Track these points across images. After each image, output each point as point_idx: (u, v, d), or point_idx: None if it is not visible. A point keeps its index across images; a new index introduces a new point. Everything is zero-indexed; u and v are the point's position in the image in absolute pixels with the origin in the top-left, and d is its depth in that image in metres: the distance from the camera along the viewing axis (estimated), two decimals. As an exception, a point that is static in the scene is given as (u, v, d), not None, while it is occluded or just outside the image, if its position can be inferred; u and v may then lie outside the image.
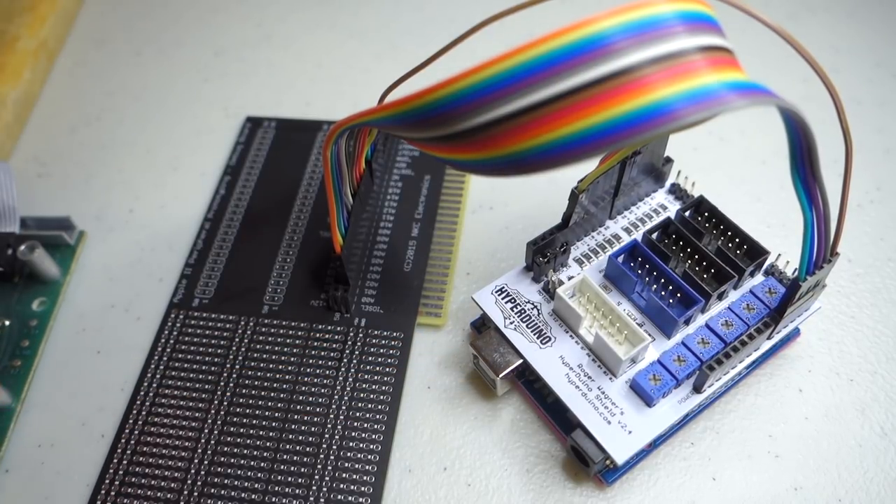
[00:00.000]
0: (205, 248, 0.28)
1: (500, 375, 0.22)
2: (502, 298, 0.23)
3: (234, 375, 0.24)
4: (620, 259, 0.23)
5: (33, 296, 0.26)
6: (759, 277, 0.24)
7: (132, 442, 0.23)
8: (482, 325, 0.25)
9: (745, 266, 0.23)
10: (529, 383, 0.23)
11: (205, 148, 0.31)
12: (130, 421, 0.24)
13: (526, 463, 0.23)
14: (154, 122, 0.33)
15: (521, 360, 0.22)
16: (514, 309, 0.23)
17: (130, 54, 0.35)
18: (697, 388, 0.21)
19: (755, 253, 0.23)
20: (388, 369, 0.24)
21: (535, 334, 0.23)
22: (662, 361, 0.21)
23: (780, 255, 0.23)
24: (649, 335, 0.21)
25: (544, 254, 0.23)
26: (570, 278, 0.24)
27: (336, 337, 0.25)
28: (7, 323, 0.26)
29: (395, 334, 0.25)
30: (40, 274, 0.26)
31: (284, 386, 0.24)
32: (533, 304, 0.23)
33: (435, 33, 0.35)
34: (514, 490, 0.22)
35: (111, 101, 0.33)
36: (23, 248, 0.26)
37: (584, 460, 0.21)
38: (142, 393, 0.24)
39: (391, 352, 0.25)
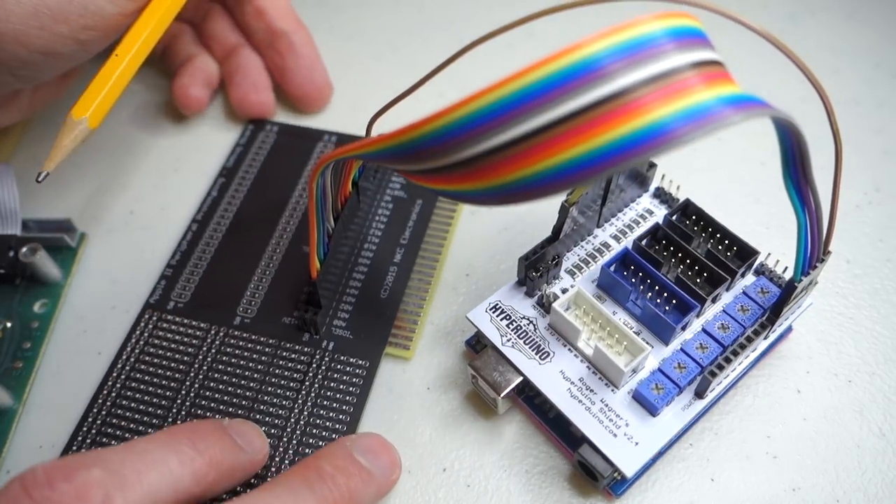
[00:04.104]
0: (188, 250, 0.28)
1: (502, 395, 0.22)
2: (497, 316, 0.23)
3: (196, 385, 0.24)
4: (613, 268, 0.23)
5: (35, 297, 0.26)
6: (751, 277, 0.24)
7: (83, 449, 0.23)
8: (478, 343, 0.25)
9: (737, 268, 0.23)
10: (530, 399, 0.23)
11: (206, 149, 0.31)
12: (84, 429, 0.23)
13: (525, 464, 0.23)
14: (154, 123, 0.33)
15: (521, 378, 0.22)
16: (510, 325, 0.23)
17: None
18: (700, 394, 0.21)
19: (745, 253, 0.23)
20: (348, 397, 0.24)
21: (533, 350, 0.22)
22: (663, 370, 0.21)
23: (769, 254, 0.23)
24: (647, 343, 0.21)
25: (537, 268, 0.23)
26: (563, 290, 0.23)
27: (302, 358, 0.25)
28: (8, 325, 0.26)
29: (360, 362, 0.25)
30: (41, 276, 0.26)
31: (244, 402, 0.24)
32: (529, 319, 0.23)
33: (435, 34, 0.35)
34: (514, 491, 0.22)
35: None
36: (24, 250, 0.26)
37: (593, 475, 0.21)
38: (104, 392, 0.24)
39: (354, 380, 0.24)
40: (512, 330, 0.23)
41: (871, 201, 0.29)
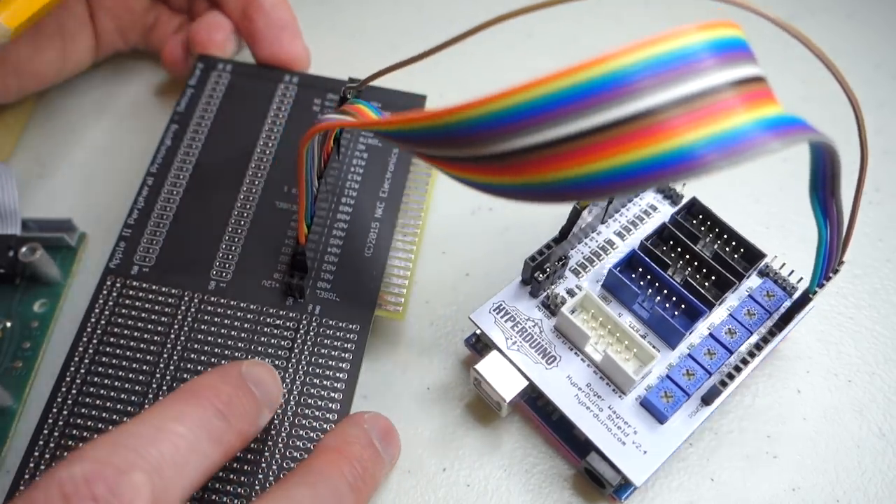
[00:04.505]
0: (147, 206, 0.25)
1: (509, 400, 0.21)
2: (501, 317, 0.23)
3: (176, 358, 0.22)
4: (619, 270, 0.23)
5: (34, 297, 0.26)
6: (755, 279, 0.24)
7: (55, 432, 0.21)
8: (477, 342, 0.24)
9: (745, 271, 0.22)
10: (532, 400, 0.23)
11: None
12: (55, 410, 0.22)
13: (525, 464, 0.23)
14: (156, 123, 0.33)
15: (527, 383, 0.22)
16: (515, 328, 0.22)
17: (130, 56, 0.35)
18: (707, 401, 0.21)
19: (752, 256, 0.23)
20: (342, 364, 0.23)
21: (539, 354, 0.22)
22: (672, 377, 0.21)
23: (775, 256, 0.23)
24: (654, 347, 0.21)
25: (543, 269, 0.23)
26: (568, 291, 0.23)
27: (288, 324, 0.23)
28: (8, 324, 0.26)
29: (351, 326, 0.23)
30: (41, 276, 0.26)
31: None
32: (534, 321, 0.23)
33: (435, 35, 0.35)
34: (514, 491, 0.22)
35: (111, 101, 0.33)
36: (24, 249, 0.26)
37: (600, 482, 0.21)
38: (71, 369, 0.22)
39: (346, 345, 0.23)
40: (517, 332, 0.22)
41: (871, 201, 0.29)
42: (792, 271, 0.23)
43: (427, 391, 0.24)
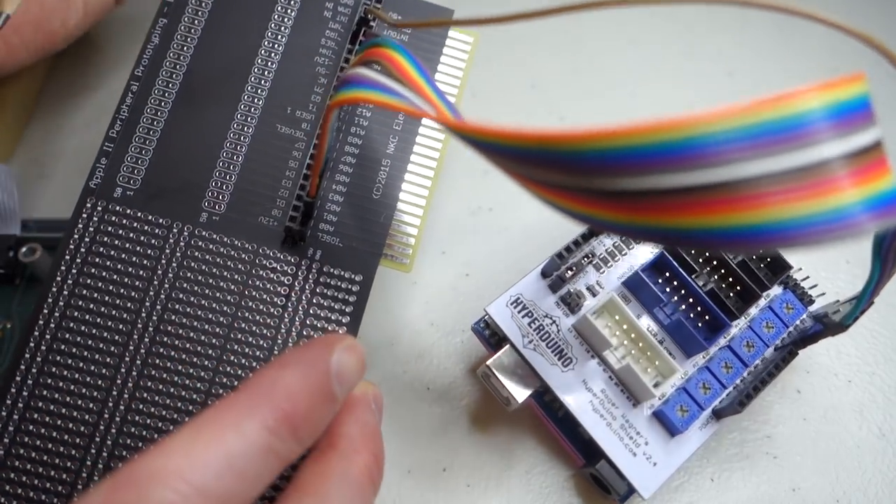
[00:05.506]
0: (132, 118, 0.23)
1: (522, 401, 0.21)
2: (518, 312, 0.22)
3: (163, 296, 0.21)
4: (645, 272, 0.22)
5: (34, 298, 0.26)
6: (776, 288, 0.23)
7: (29, 379, 0.20)
8: (486, 328, 0.24)
9: (769, 283, 0.22)
10: (539, 395, 0.22)
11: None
12: (27, 356, 0.20)
13: (525, 464, 0.23)
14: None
15: (540, 383, 0.21)
16: (532, 325, 0.22)
17: (130, 56, 0.35)
18: (719, 415, 0.21)
19: (778, 266, 0.23)
20: (343, 318, 0.21)
21: (555, 355, 0.21)
22: (689, 390, 0.21)
23: (800, 268, 0.23)
24: (672, 356, 0.21)
25: (570, 266, 0.22)
26: (588, 287, 0.22)
27: (286, 268, 0.21)
28: (8, 325, 0.26)
29: (354, 277, 0.21)
30: (42, 276, 0.26)
31: (222, 320, 0.21)
32: (551, 318, 0.22)
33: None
34: (514, 491, 0.22)
35: (112, 102, 0.33)
36: (24, 250, 0.26)
37: (604, 487, 0.21)
38: (45, 311, 0.20)
39: (348, 297, 0.21)
40: (534, 330, 0.22)
41: (870, 201, 0.29)
42: (815, 285, 0.23)
43: (427, 391, 0.24)
